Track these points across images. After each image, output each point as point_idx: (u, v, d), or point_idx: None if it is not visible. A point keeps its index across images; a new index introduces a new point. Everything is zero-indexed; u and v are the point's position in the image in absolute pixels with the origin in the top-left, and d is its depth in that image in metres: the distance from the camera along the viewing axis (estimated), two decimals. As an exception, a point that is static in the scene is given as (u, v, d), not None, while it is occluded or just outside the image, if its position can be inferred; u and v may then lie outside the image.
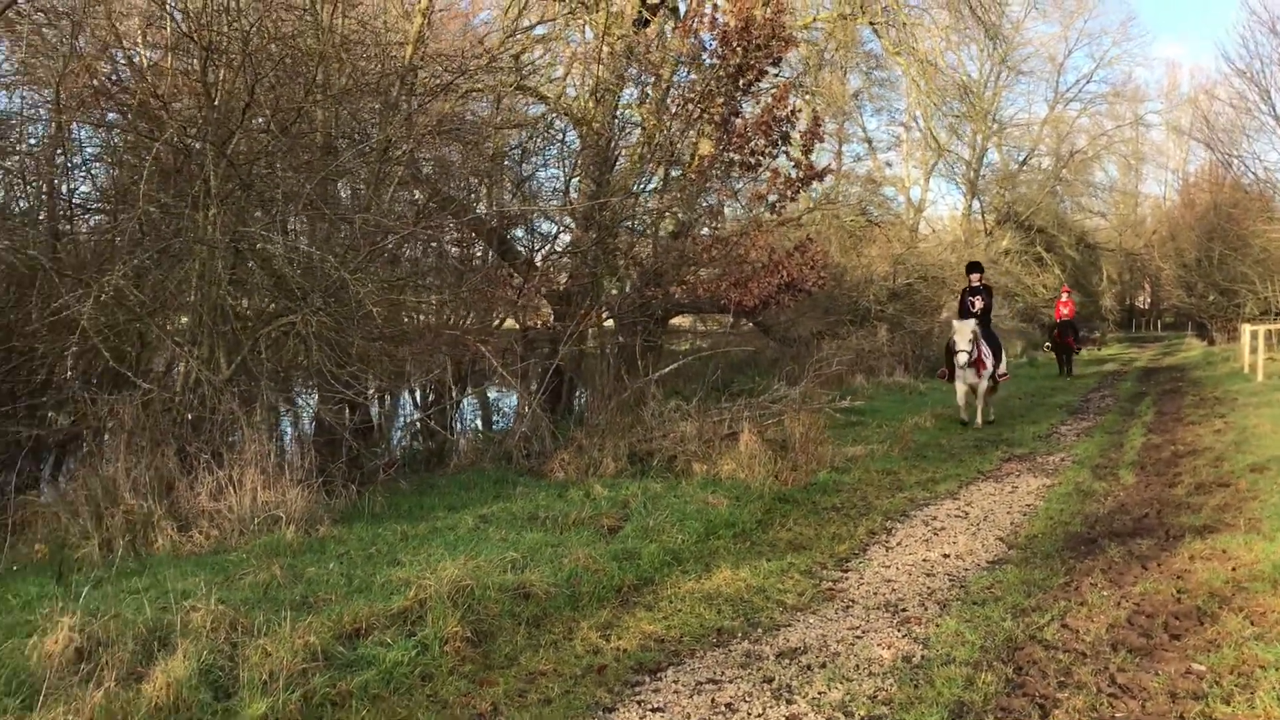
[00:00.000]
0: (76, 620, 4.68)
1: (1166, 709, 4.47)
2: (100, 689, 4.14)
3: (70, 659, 4.48)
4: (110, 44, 10.80)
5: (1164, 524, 8.06)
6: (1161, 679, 4.79)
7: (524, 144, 14.11)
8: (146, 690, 4.22)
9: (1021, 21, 37.18)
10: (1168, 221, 50.89)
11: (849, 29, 20.74)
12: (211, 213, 7.79)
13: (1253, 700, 4.43)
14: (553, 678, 4.95)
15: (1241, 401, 16.97)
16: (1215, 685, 4.66)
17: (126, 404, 7.63)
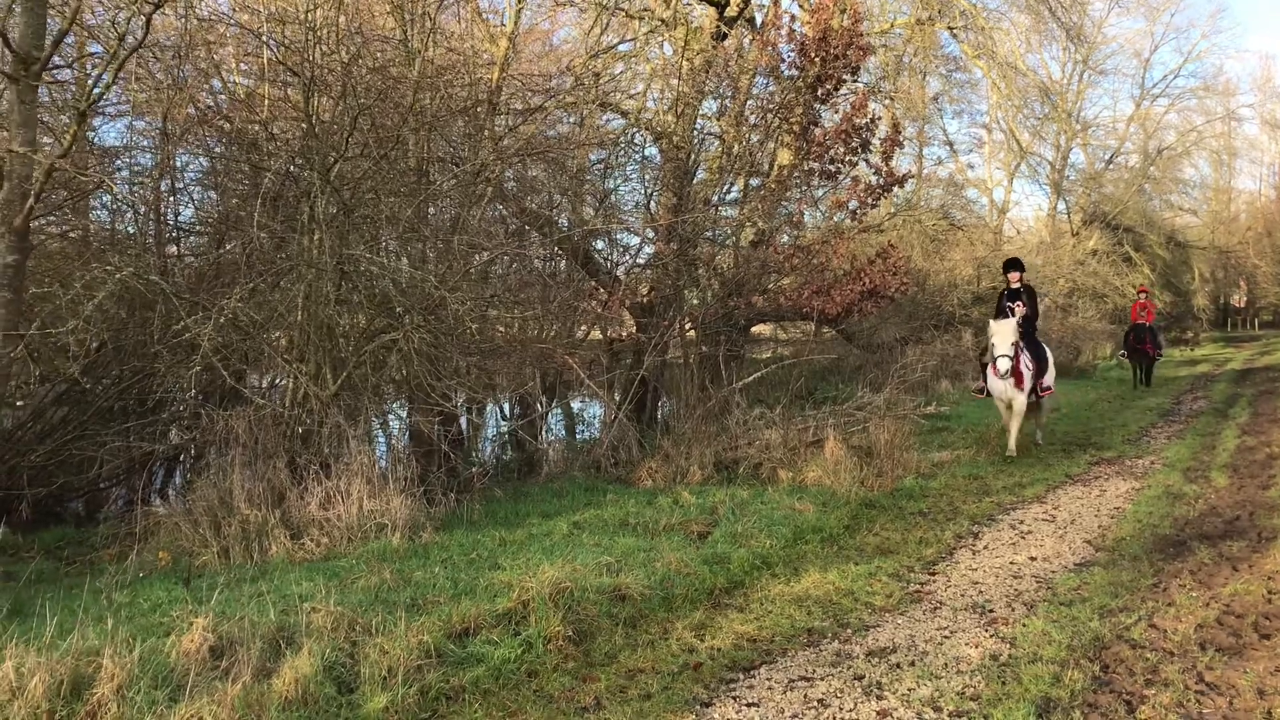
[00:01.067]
0: (209, 621, 5.05)
1: (1254, 705, 4.55)
2: (237, 684, 4.48)
3: (206, 656, 4.84)
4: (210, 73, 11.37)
5: (1256, 526, 8.03)
6: (1250, 676, 4.86)
7: (606, 159, 14.42)
8: (277, 685, 4.56)
9: (1104, 19, 36.66)
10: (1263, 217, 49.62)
11: (927, 33, 20.72)
12: (318, 236, 8.21)
13: (1341, 697, 4.49)
14: (651, 674, 5.18)
15: (1341, 401, 16.58)
16: (1304, 683, 4.72)
17: (240, 419, 8.08)
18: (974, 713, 4.61)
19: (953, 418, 15.58)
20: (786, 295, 13.43)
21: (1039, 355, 12.98)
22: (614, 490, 9.86)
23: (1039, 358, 12.94)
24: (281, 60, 9.60)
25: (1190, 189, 49.18)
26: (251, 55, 10.99)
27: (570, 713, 4.70)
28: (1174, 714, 4.51)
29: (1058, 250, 34.28)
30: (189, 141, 11.13)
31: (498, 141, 10.56)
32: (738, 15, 14.95)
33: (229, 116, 10.71)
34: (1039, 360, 12.88)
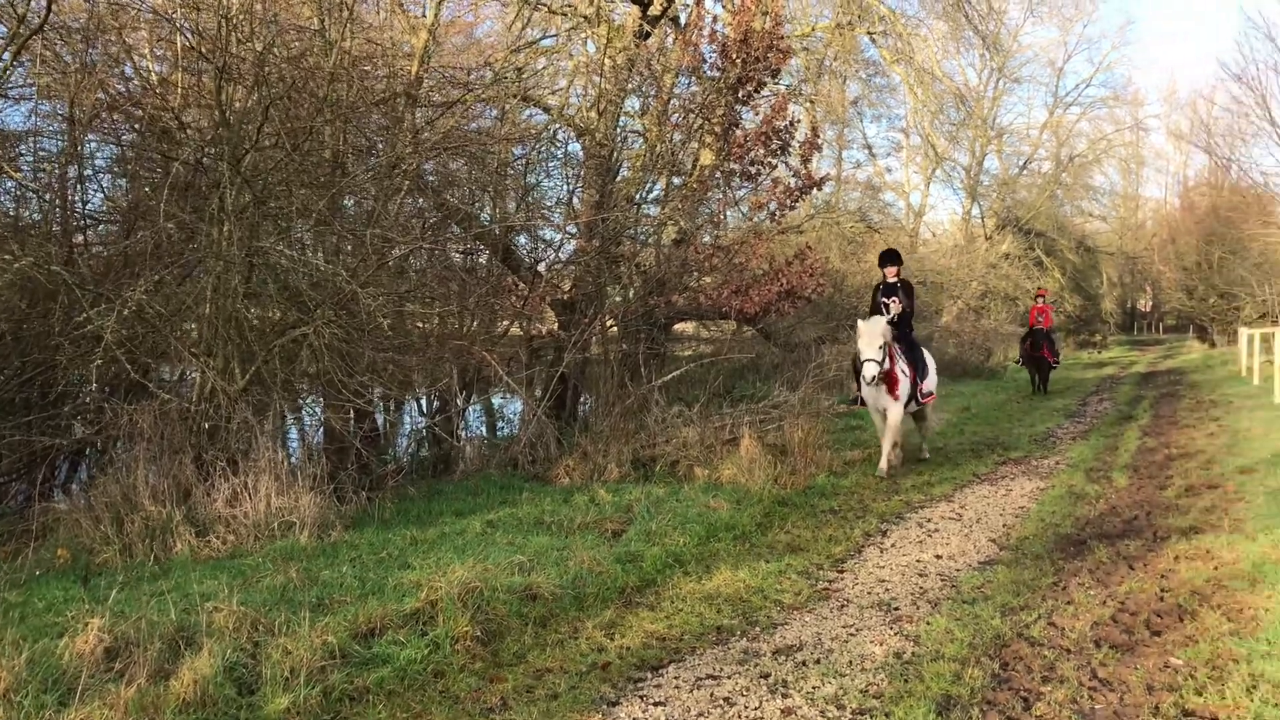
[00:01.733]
0: (105, 621, 4.92)
1: (1143, 700, 4.69)
2: (131, 686, 4.38)
3: (101, 658, 4.72)
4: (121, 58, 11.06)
5: (1152, 525, 8.29)
6: (1140, 673, 5.02)
7: (528, 155, 14.34)
8: (175, 687, 4.46)
9: (1019, 28, 37.50)
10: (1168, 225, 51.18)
11: (847, 38, 20.98)
12: (227, 228, 8.04)
13: (1224, 691, 4.66)
14: (559, 674, 5.18)
15: (1236, 404, 17.21)
16: (1190, 678, 4.89)
17: (145, 413, 7.88)
18: (876, 710, 4.69)
19: (866, 416, 15.78)
20: (707, 294, 13.50)
21: (916, 358, 11.84)
22: (530, 488, 9.83)
23: (916, 361, 11.82)
24: (195, 47, 9.37)
25: (1100, 196, 50.56)
26: (165, 41, 10.71)
27: (476, 713, 4.68)
28: (1068, 710, 4.63)
29: (971, 254, 35.02)
30: (98, 127, 10.81)
31: (416, 134, 10.44)
32: (661, 14, 14.98)
33: (140, 103, 10.43)
34: (917, 364, 11.79)
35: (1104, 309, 52.70)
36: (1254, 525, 7.71)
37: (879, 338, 10.89)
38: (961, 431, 15.47)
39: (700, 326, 19.88)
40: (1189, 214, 46.35)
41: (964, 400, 20.09)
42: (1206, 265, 39.56)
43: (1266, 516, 7.98)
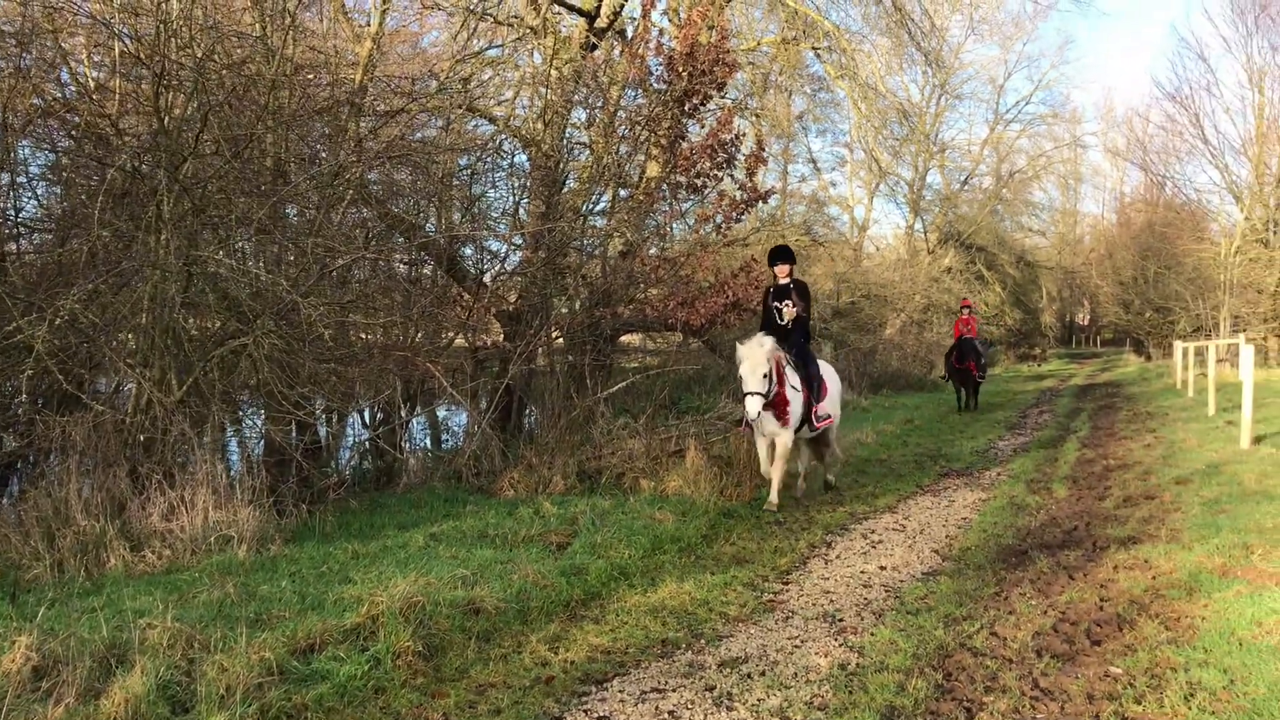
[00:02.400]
0: (33, 639, 4.78)
1: (1083, 709, 4.74)
2: (60, 705, 4.26)
3: (28, 677, 4.58)
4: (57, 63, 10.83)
5: (1092, 536, 8.41)
6: (1081, 682, 5.07)
7: (473, 165, 14.27)
8: (105, 706, 4.34)
9: (961, 46, 38.02)
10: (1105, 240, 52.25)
11: (792, 53, 21.16)
12: (164, 236, 7.89)
13: (1162, 700, 4.72)
14: (502, 689, 5.12)
15: (1172, 416, 17.56)
16: (1129, 686, 4.94)
17: (78, 425, 7.70)
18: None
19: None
20: (653, 306, 13.49)
21: (811, 374, 10.38)
22: (475, 501, 9.74)
23: (811, 378, 10.37)
24: (133, 53, 9.20)
25: (1040, 211, 51.56)
26: (103, 46, 10.51)
27: (418, 730, 4.61)
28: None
29: (914, 267, 35.45)
30: (33, 134, 10.58)
31: (359, 143, 10.34)
32: (608, 27, 14.99)
33: (77, 109, 10.22)
34: (812, 381, 10.34)
35: (1043, 323, 53.69)
36: (1190, 535, 7.84)
37: (763, 364, 9.55)
38: (905, 443, 15.61)
39: (646, 338, 19.90)
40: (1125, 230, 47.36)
41: (907, 412, 20.30)
42: (1142, 280, 40.41)
43: (1202, 526, 8.12)
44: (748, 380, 9.52)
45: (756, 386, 9.50)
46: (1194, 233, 36.01)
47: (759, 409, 9.48)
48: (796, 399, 9.98)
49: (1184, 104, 34.24)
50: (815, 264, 26.50)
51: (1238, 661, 5.09)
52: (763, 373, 9.49)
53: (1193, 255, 35.42)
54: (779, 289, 10.72)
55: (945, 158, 43.66)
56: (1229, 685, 4.82)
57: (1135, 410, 20.06)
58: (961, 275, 40.14)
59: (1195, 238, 35.69)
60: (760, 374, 9.49)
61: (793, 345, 10.38)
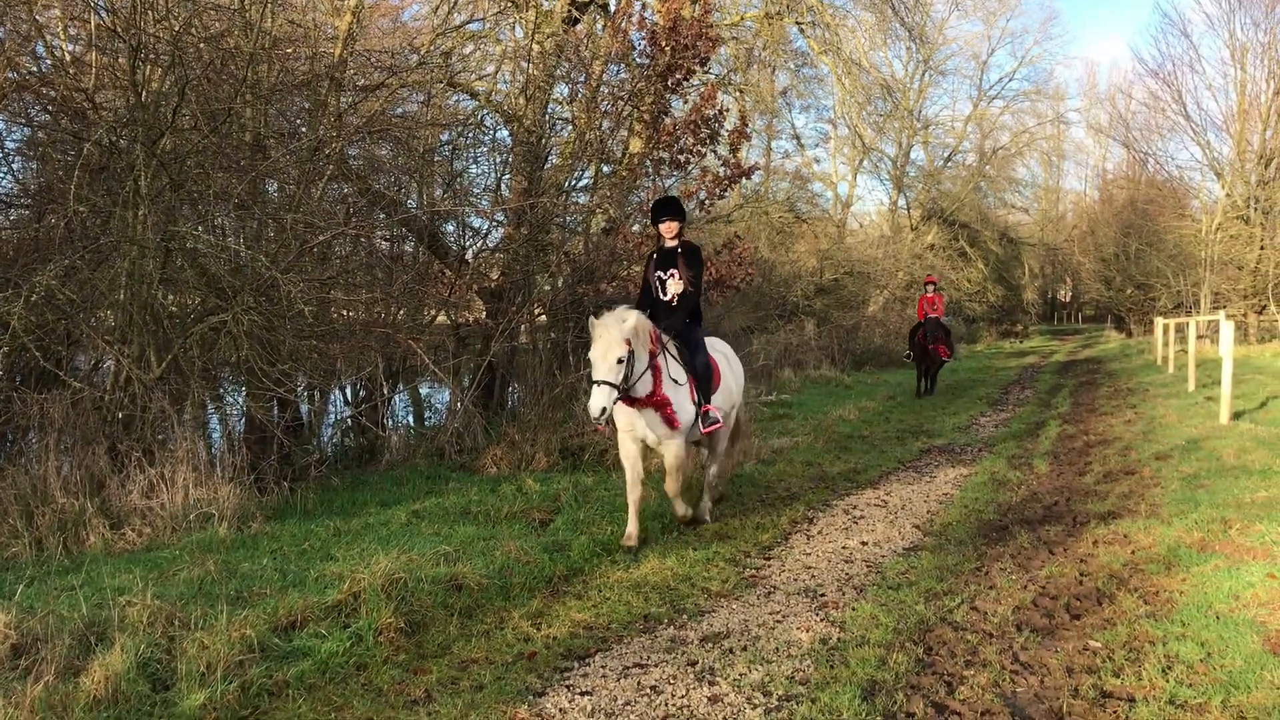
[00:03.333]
0: (12, 617, 4.76)
1: (1063, 683, 4.77)
2: (39, 683, 4.23)
3: (7, 655, 4.56)
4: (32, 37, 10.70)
5: (1072, 511, 8.45)
6: (1060, 656, 5.10)
7: (455, 141, 14.18)
8: (85, 683, 4.32)
9: (945, 21, 38.01)
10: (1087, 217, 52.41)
11: (776, 28, 21.07)
12: (141, 212, 7.81)
13: (1140, 672, 4.76)
14: (485, 665, 5.12)
15: (1152, 393, 17.65)
16: (1108, 660, 4.98)
17: (56, 403, 7.64)
18: (802, 696, 4.71)
19: (794, 405, 15.95)
20: (636, 283, 13.47)
21: (698, 364, 7.86)
22: (457, 478, 9.72)
23: (699, 368, 7.86)
24: (109, 26, 9.08)
25: (1023, 188, 51.62)
26: (78, 19, 10.37)
27: (399, 706, 4.60)
28: (990, 693, 4.69)
29: (897, 244, 35.49)
30: (8, 108, 10.45)
31: (340, 117, 10.25)
32: (590, 1, 14.90)
33: (53, 82, 10.10)
34: (699, 373, 7.86)
35: (1025, 299, 53.87)
36: (1169, 510, 7.89)
37: (618, 345, 6.99)
38: (887, 420, 15.65)
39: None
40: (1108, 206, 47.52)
41: (889, 389, 20.36)
42: (1124, 256, 40.56)
43: (1181, 501, 8.18)
44: (597, 365, 6.99)
45: (607, 374, 6.94)
46: (1175, 209, 36.17)
47: (606, 404, 6.86)
48: (680, 395, 7.59)
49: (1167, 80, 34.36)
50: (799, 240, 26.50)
51: (1215, 635, 5.13)
52: (617, 356, 6.97)
53: (1174, 232, 35.59)
54: (663, 254, 8.14)
55: (929, 134, 43.67)
56: (1206, 658, 4.86)
57: (1116, 386, 20.16)
58: (944, 252, 40.22)
59: (1177, 214, 35.86)
60: (614, 358, 6.96)
61: (675, 327, 7.89)
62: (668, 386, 7.48)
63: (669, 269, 8.07)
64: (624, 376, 7.04)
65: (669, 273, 8.06)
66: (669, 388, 7.49)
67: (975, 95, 46.70)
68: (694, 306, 8.12)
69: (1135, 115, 39.51)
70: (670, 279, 8.03)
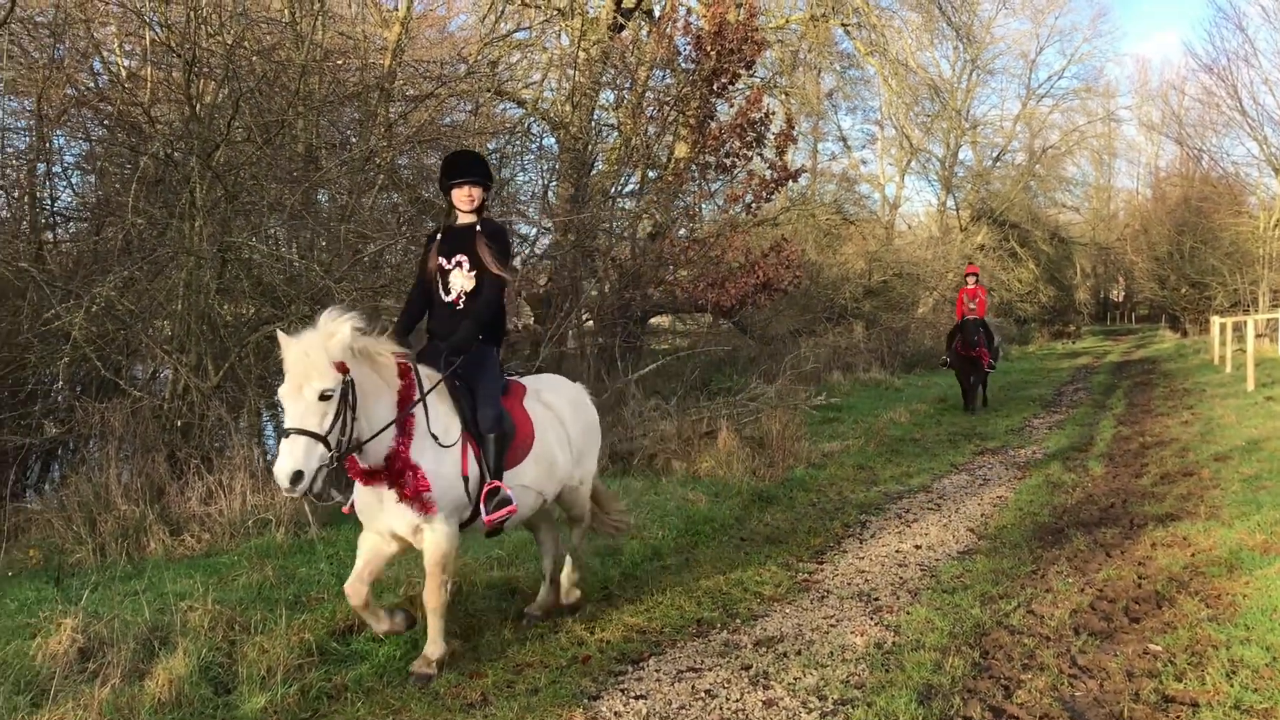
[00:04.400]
0: (78, 622, 4.86)
1: (1123, 687, 4.70)
2: (106, 686, 4.32)
3: (74, 658, 4.66)
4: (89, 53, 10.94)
5: (1129, 513, 8.33)
6: (1120, 659, 5.03)
7: (502, 148, 14.29)
8: (150, 687, 4.41)
9: (992, 20, 37.63)
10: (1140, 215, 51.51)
11: (822, 30, 21.00)
12: (198, 223, 7.96)
13: (1203, 677, 4.68)
14: (539, 669, 5.14)
15: (1209, 393, 17.34)
16: (1170, 664, 4.90)
17: (116, 411, 7.79)
18: (858, 700, 4.68)
19: (843, 408, 15.85)
20: (683, 287, 13.50)
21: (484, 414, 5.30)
22: (507, 482, 9.77)
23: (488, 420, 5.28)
24: (164, 41, 9.27)
25: (1073, 187, 50.89)
26: (134, 35, 10.59)
27: (456, 709, 4.64)
28: (1049, 698, 4.64)
29: (947, 245, 35.15)
30: (67, 123, 10.70)
31: (389, 128, 10.37)
32: (635, 7, 14.96)
33: (109, 98, 10.32)
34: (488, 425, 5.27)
35: (1078, 299, 53.11)
36: (1230, 512, 7.76)
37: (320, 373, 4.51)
38: (938, 422, 15.52)
39: (676, 320, 19.89)
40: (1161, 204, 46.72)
41: (940, 391, 20.16)
42: (1178, 255, 39.86)
43: (1242, 503, 8.03)
44: (288, 406, 4.53)
45: (301, 419, 4.46)
46: (1231, 206, 35.49)
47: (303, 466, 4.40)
48: (443, 461, 5.01)
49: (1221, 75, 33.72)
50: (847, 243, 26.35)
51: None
52: (320, 390, 4.46)
53: (1230, 229, 34.94)
54: (453, 235, 5.64)
55: (977, 134, 43.21)
56: (1272, 662, 4.77)
57: (1172, 387, 19.84)
58: (994, 252, 39.76)
59: (1233, 211, 35.18)
60: (316, 392, 4.46)
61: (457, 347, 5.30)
62: (420, 447, 4.89)
63: (459, 254, 5.46)
64: (336, 425, 4.47)
65: (455, 262, 5.47)
66: (422, 449, 4.90)
67: (1024, 94, 46.20)
68: (492, 316, 5.51)
69: (1189, 111, 38.89)
70: (456, 270, 5.46)
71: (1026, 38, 45.41)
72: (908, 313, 27.84)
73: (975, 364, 16.69)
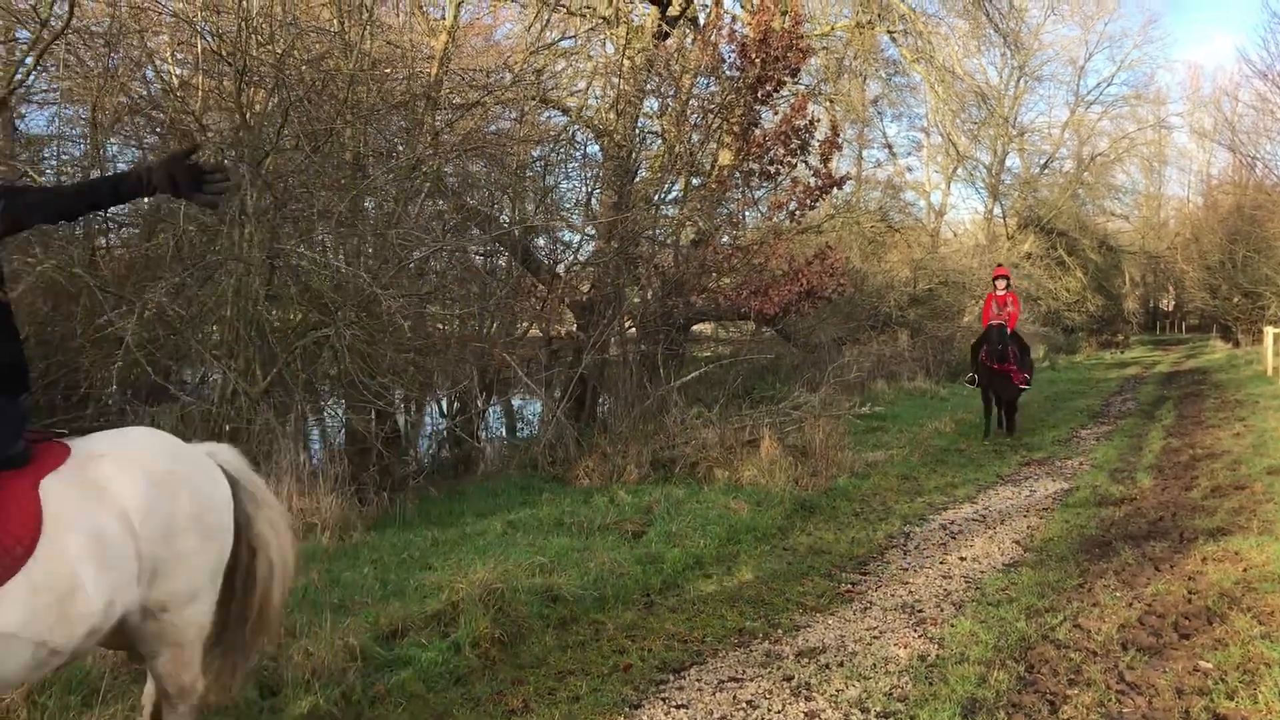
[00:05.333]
0: (128, 623, 4.92)
1: (1172, 704, 4.63)
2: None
3: (123, 659, 4.72)
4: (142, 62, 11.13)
5: (1178, 527, 8.19)
6: (1169, 676, 4.95)
7: (546, 156, 14.35)
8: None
9: (1040, 26, 37.24)
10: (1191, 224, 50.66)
11: (867, 37, 20.90)
12: (247, 230, 8.07)
13: (1256, 695, 4.59)
14: (581, 676, 5.16)
15: (1263, 404, 17.01)
16: (1221, 682, 4.82)
17: (166, 415, 7.91)
18: (901, 714, 4.65)
19: (888, 417, 15.73)
20: (725, 295, 13.47)
21: None
22: (550, 489, 9.82)
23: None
24: (216, 50, 9.41)
25: (1122, 195, 50.21)
26: (186, 44, 10.77)
27: (497, 716, 4.66)
28: (1095, 714, 4.58)
29: (994, 253, 34.76)
30: (120, 131, 10.89)
31: (436, 136, 10.46)
32: (680, 15, 14.97)
33: (162, 106, 10.49)
34: None
35: (1126, 309, 52.38)
36: (1283, 526, 7.62)
37: None
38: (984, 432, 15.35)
39: (719, 327, 19.85)
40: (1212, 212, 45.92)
41: (986, 401, 19.93)
42: (1230, 264, 39.17)
43: (1296, 518, 7.88)
44: None
45: None
46: (1285, 215, 34.82)
47: None
48: None
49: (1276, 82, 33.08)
50: (892, 250, 26.17)
51: (1335, 657, 4.93)
52: None
53: (1284, 238, 34.27)
54: None
55: (1024, 141, 42.76)
56: (1326, 682, 4.68)
57: (1223, 398, 19.48)
58: (1042, 261, 39.31)
59: (1287, 220, 34.51)
60: None
61: None
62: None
63: None
64: None
65: None
66: None
67: (1072, 101, 45.62)
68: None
69: (1242, 118, 38.18)
70: None
71: (1075, 44, 44.89)
72: (953, 321, 27.57)
73: (1005, 380, 14.12)
